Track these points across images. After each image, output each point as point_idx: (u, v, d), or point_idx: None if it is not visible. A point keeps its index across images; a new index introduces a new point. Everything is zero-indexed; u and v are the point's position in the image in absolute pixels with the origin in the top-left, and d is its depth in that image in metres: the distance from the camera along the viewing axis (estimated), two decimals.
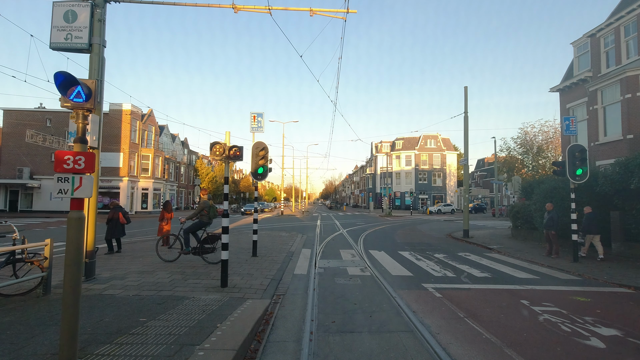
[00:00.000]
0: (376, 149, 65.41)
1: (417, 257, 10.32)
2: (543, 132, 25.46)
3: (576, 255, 9.62)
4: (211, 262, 8.40)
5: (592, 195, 11.42)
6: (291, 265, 8.81)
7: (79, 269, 3.19)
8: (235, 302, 5.34)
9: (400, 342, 4.17)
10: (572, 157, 9.74)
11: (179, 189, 48.95)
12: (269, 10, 8.57)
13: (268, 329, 4.58)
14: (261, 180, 9.13)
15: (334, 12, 9.05)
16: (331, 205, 74.86)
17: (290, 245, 12.28)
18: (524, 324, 4.88)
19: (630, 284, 7.17)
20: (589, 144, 14.42)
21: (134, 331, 4.10)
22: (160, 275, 7.13)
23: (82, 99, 3.36)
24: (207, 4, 8.49)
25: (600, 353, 3.99)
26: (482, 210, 48.33)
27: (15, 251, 5.79)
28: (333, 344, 4.11)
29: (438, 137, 59.13)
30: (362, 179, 78.87)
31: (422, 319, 4.96)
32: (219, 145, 6.46)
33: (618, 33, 14.11)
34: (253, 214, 10.73)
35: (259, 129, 11.08)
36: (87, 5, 6.81)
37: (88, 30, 6.79)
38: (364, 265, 8.96)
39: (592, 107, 14.45)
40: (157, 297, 5.61)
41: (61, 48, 6.83)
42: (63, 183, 3.17)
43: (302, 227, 21.59)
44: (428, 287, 6.87)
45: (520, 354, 3.90)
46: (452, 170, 58.65)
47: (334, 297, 6.12)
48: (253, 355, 3.83)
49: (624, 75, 12.67)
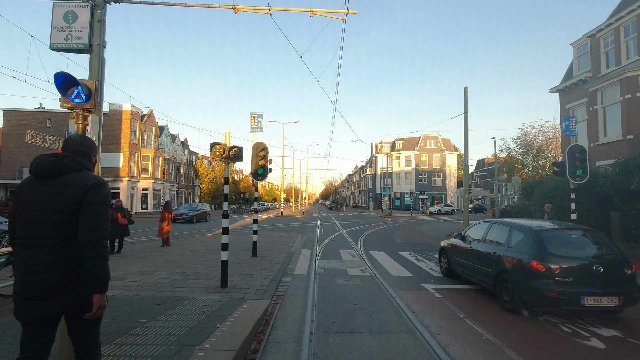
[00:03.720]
0: (376, 149, 65.43)
1: (417, 258, 10.32)
2: (543, 133, 25.50)
3: None
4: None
5: (592, 195, 11.42)
6: (291, 266, 8.81)
7: None
8: (235, 303, 5.33)
9: (400, 343, 4.17)
10: (572, 157, 9.74)
11: (179, 190, 48.95)
12: (269, 10, 8.58)
13: (268, 329, 4.58)
14: (261, 180, 9.14)
15: (333, 12, 9.07)
16: (331, 206, 74.88)
17: (290, 246, 12.28)
18: (524, 325, 4.88)
19: None
20: (589, 144, 14.42)
21: (133, 332, 4.10)
22: (160, 276, 7.13)
23: (82, 100, 3.37)
24: (207, 5, 8.50)
25: (600, 353, 3.98)
26: (482, 211, 48.32)
27: None
28: (333, 345, 4.11)
29: (438, 138, 59.15)
30: (362, 179, 78.90)
31: (422, 320, 4.96)
32: (219, 146, 6.46)
33: (618, 33, 14.13)
34: (253, 214, 10.73)
35: (259, 129, 11.09)
36: (87, 5, 6.81)
37: (88, 30, 6.78)
38: (364, 266, 8.96)
39: (592, 108, 14.46)
40: (157, 297, 5.60)
41: (61, 49, 6.82)
42: None
43: (302, 227, 21.59)
44: (428, 287, 6.87)
45: (521, 354, 3.90)
46: (452, 171, 58.66)
47: (334, 298, 6.12)
48: (253, 356, 3.83)
49: (624, 76, 12.67)
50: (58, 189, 2.10)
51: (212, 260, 8.91)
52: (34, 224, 2.06)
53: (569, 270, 4.95)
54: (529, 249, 5.37)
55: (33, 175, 2.17)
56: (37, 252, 2.04)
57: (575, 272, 4.94)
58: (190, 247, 11.75)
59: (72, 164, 2.19)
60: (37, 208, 2.07)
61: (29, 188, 2.13)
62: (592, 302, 4.74)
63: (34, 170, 2.15)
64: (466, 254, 6.93)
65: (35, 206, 2.07)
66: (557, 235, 5.68)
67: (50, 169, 2.12)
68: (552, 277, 4.92)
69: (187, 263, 8.64)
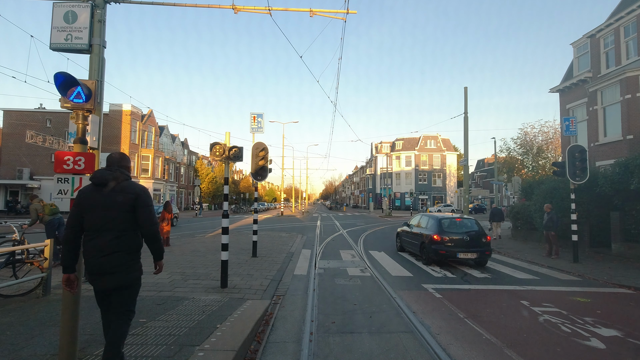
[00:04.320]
0: (376, 149, 65.42)
1: (417, 258, 10.32)
2: (543, 133, 25.47)
3: (576, 256, 9.62)
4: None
5: (592, 195, 11.42)
6: (291, 266, 8.81)
7: (79, 269, 3.19)
8: (235, 303, 5.33)
9: (400, 343, 4.17)
10: (572, 157, 9.74)
11: (179, 190, 48.95)
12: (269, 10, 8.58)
13: (268, 329, 4.58)
14: (261, 180, 9.14)
15: (333, 12, 9.07)
16: (331, 206, 74.84)
17: (290, 246, 12.28)
18: (524, 325, 4.88)
19: (630, 285, 7.17)
20: (589, 144, 14.41)
21: (133, 332, 4.10)
22: (160, 276, 7.13)
23: (82, 100, 3.37)
24: (207, 5, 8.50)
25: (600, 354, 3.99)
26: (482, 211, 48.29)
27: (15, 252, 5.80)
28: (333, 345, 4.11)
29: (438, 138, 59.14)
30: (362, 179, 78.89)
31: (422, 320, 4.96)
32: (219, 146, 6.46)
33: (618, 34, 14.13)
34: (253, 215, 10.74)
35: (259, 129, 11.09)
36: (87, 6, 6.81)
37: (88, 30, 6.78)
38: (364, 266, 8.96)
39: (592, 108, 14.46)
40: (157, 297, 5.60)
41: (61, 49, 6.83)
42: (63, 184, 3.18)
43: (302, 227, 21.59)
44: (428, 287, 6.87)
45: (521, 354, 3.90)
46: (452, 171, 58.65)
47: (334, 298, 6.12)
48: (253, 356, 3.83)
49: (624, 76, 12.67)
50: (115, 194, 2.81)
51: (212, 261, 8.91)
52: (100, 220, 2.75)
53: (452, 239, 8.91)
54: (435, 229, 9.27)
55: (95, 184, 2.85)
56: (102, 240, 2.73)
57: (455, 240, 8.90)
58: (190, 247, 11.75)
59: (122, 175, 2.90)
60: (102, 208, 2.76)
61: (92, 194, 2.81)
62: (462, 256, 8.67)
63: (96, 180, 2.84)
64: (409, 235, 10.88)
65: (100, 207, 2.76)
66: (449, 221, 9.64)
67: (108, 180, 2.82)
68: (444, 243, 8.89)
69: (187, 263, 8.64)
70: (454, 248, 8.75)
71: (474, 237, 8.88)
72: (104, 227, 2.75)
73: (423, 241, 9.44)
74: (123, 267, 2.81)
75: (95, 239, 2.74)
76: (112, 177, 2.84)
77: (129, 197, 2.83)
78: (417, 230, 10.17)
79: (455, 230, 9.19)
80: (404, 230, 11.38)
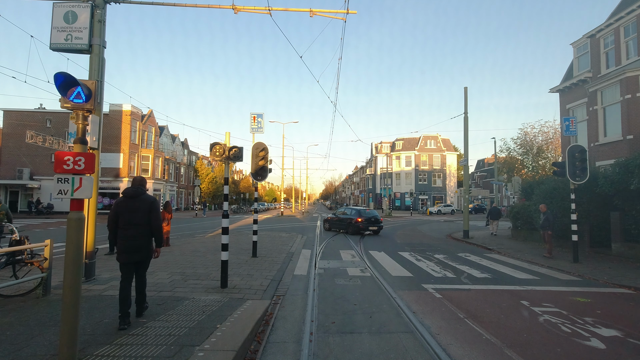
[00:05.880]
0: (376, 149, 65.40)
1: (417, 258, 10.32)
2: (543, 133, 25.44)
3: (576, 256, 9.62)
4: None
5: (592, 195, 11.42)
6: (291, 266, 8.81)
7: (79, 269, 3.19)
8: (235, 303, 5.34)
9: (400, 343, 4.17)
10: (572, 157, 9.74)
11: (179, 190, 48.95)
12: (269, 11, 8.58)
13: (268, 329, 4.58)
14: (261, 180, 9.14)
15: (333, 12, 9.07)
16: (331, 206, 74.77)
17: (290, 246, 12.28)
18: (524, 325, 4.88)
19: (630, 285, 7.17)
20: (589, 144, 14.41)
21: (133, 332, 4.10)
22: (160, 276, 7.13)
23: (82, 100, 3.36)
24: (207, 5, 8.51)
25: (600, 354, 3.98)
26: (482, 211, 48.26)
27: (15, 252, 5.79)
28: (333, 345, 4.11)
29: (438, 138, 59.11)
30: (362, 179, 78.85)
31: (422, 320, 4.96)
32: (219, 146, 6.45)
33: (618, 34, 14.13)
34: (253, 215, 10.73)
35: (259, 129, 11.09)
36: (87, 6, 6.81)
37: (88, 31, 6.79)
38: (364, 266, 8.96)
39: (592, 108, 14.46)
40: (157, 297, 5.60)
41: (61, 49, 6.84)
42: (63, 184, 3.17)
43: (302, 227, 21.60)
44: (428, 287, 6.87)
45: (521, 354, 3.90)
46: (452, 171, 58.63)
47: (334, 298, 6.12)
48: (253, 356, 3.83)
49: (624, 76, 12.67)
50: (139, 202, 4.47)
51: (212, 261, 8.91)
52: (131, 218, 4.38)
53: (364, 220, 17.25)
54: (356, 215, 17.66)
55: (126, 197, 4.48)
56: (133, 231, 4.37)
57: (365, 221, 17.25)
58: (190, 247, 11.75)
59: (142, 190, 4.58)
60: (132, 210, 4.41)
61: (125, 202, 4.45)
62: (369, 230, 17.36)
63: (128, 194, 4.49)
64: (337, 220, 18.88)
65: (130, 210, 4.41)
66: (364, 211, 18.46)
67: (135, 193, 4.49)
68: (360, 223, 17.18)
69: (187, 263, 8.64)
70: (365, 224, 17.08)
71: (375, 218, 17.57)
72: (132, 222, 4.37)
73: (349, 222, 17.49)
74: (144, 247, 4.44)
75: (127, 230, 4.36)
76: (137, 192, 4.52)
77: (146, 204, 4.48)
78: (344, 217, 18.37)
79: (366, 216, 17.57)
80: (331, 217, 19.83)
